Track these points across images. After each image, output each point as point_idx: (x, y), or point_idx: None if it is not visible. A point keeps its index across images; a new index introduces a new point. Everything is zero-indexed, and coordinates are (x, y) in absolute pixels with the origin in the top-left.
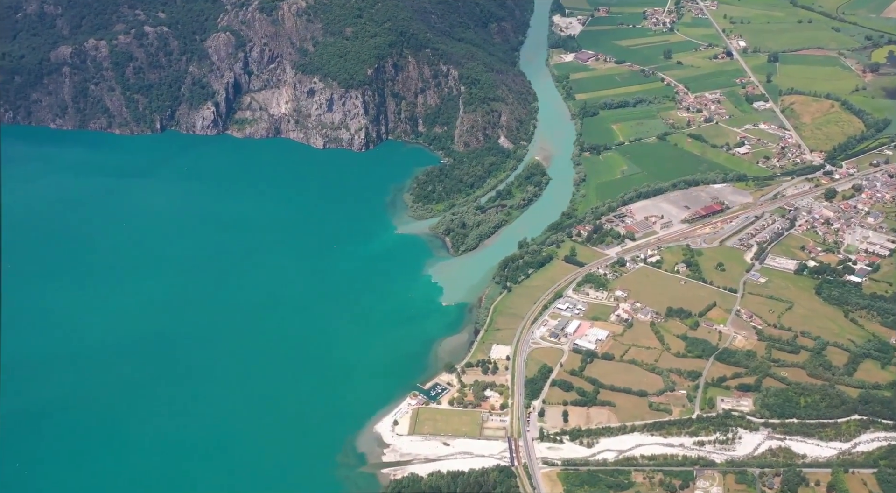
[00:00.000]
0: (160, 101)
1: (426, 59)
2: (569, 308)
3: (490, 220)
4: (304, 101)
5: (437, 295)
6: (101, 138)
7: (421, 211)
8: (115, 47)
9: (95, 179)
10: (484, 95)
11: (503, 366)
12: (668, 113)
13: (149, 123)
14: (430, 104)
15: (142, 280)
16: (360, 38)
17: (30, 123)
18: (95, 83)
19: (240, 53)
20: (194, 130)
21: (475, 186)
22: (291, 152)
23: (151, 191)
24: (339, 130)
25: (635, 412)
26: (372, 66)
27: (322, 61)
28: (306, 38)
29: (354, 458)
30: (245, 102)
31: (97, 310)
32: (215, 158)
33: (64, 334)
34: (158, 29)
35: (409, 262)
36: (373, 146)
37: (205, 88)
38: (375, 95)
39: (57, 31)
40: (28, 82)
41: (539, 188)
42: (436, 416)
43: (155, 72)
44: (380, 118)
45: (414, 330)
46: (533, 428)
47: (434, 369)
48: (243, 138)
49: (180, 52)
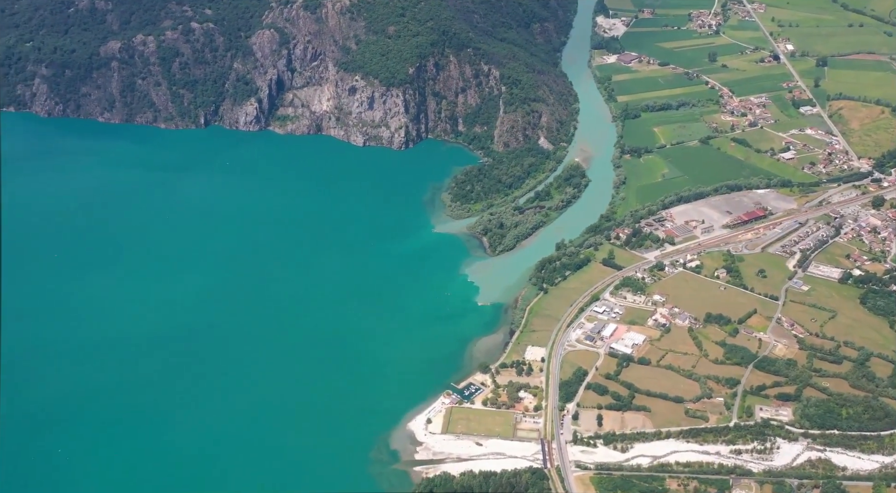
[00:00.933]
0: (205, 96)
1: (468, 58)
2: (605, 311)
3: (528, 221)
4: (346, 98)
5: (473, 295)
6: (146, 132)
7: (459, 210)
8: (162, 43)
9: (141, 172)
10: (525, 96)
11: (538, 368)
12: (711, 116)
13: (193, 118)
14: (471, 104)
15: (183, 273)
16: (403, 37)
17: (79, 116)
18: (143, 78)
19: (283, 50)
20: (237, 125)
21: (514, 187)
22: (332, 150)
23: (195, 185)
24: (379, 129)
25: (671, 417)
26: (413, 65)
27: (364, 59)
28: (349, 37)
29: (387, 455)
30: (287, 98)
31: (138, 300)
32: (257, 153)
33: (104, 324)
34: (205, 25)
35: (445, 261)
36: (412, 145)
37: (248, 84)
38: (416, 93)
39: (107, 26)
40: (78, 76)
41: (578, 190)
42: (469, 416)
43: (200, 67)
44: (420, 117)
45: (449, 329)
46: (566, 431)
47: (468, 368)
48: (285, 135)
49: (225, 48)
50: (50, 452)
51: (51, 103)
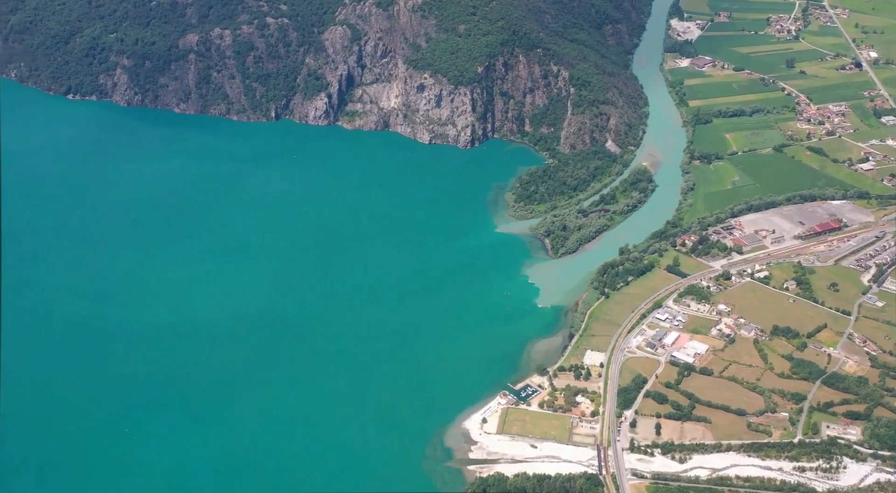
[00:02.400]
0: (276, 90)
1: (537, 58)
2: (668, 319)
3: (592, 224)
4: (414, 96)
5: (534, 296)
6: (219, 124)
7: (522, 211)
8: (238, 37)
9: (213, 162)
10: (593, 98)
11: (596, 373)
12: (786, 124)
13: (264, 112)
14: (538, 104)
15: (250, 262)
16: (473, 36)
17: (156, 107)
18: (218, 71)
19: (354, 47)
20: (307, 119)
21: (578, 189)
22: (398, 146)
23: (265, 177)
24: (445, 126)
25: (732, 430)
26: (482, 64)
27: (433, 57)
28: (419, 34)
29: (442, 452)
30: (356, 94)
31: (206, 287)
32: (325, 148)
33: (173, 308)
34: (279, 20)
35: (507, 261)
36: (478, 144)
37: (319, 79)
38: (484, 92)
39: (186, 19)
40: (157, 68)
41: (644, 195)
42: (525, 417)
43: (273, 62)
44: (487, 116)
45: (508, 329)
46: (623, 438)
47: (525, 370)
48: (352, 130)
49: (298, 43)
50: (119, 432)
51: (130, 93)
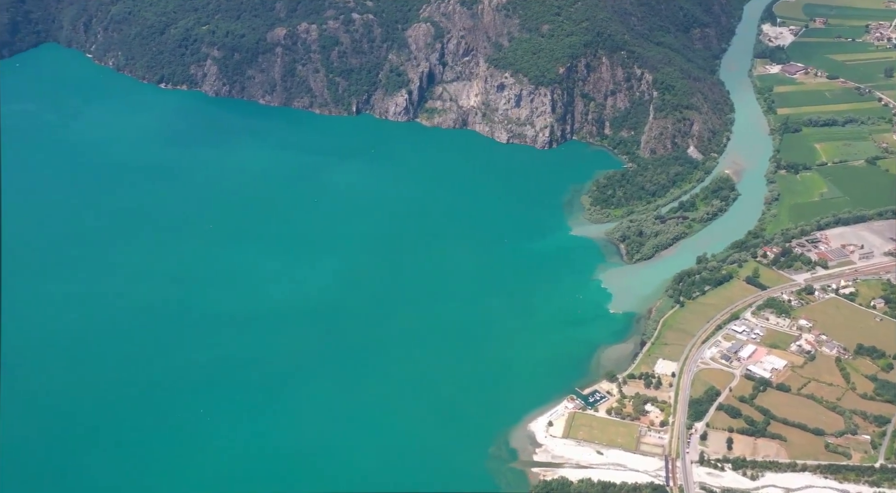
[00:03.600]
0: (358, 85)
1: (620, 61)
2: (745, 332)
3: (669, 231)
4: (493, 95)
5: (606, 301)
6: (302, 116)
7: (598, 215)
8: (324, 31)
9: (294, 154)
10: (677, 102)
11: (667, 382)
12: (882, 136)
13: (346, 106)
14: (620, 107)
15: (325, 253)
16: (556, 36)
17: (242, 98)
18: (303, 64)
19: (437, 44)
20: (386, 115)
21: (657, 195)
22: (475, 144)
23: (342, 170)
24: (524, 127)
25: (808, 450)
26: (564, 65)
27: (515, 57)
28: (502, 33)
29: (506, 452)
30: (437, 92)
31: (280, 275)
32: (403, 144)
33: (249, 296)
34: (365, 16)
35: (580, 264)
36: (556, 145)
37: (401, 75)
38: (564, 93)
39: (275, 13)
40: (245, 60)
41: (726, 203)
42: (591, 423)
43: (357, 57)
44: (566, 117)
45: (578, 333)
46: (693, 451)
47: (594, 375)
48: (431, 127)
49: (382, 39)
50: (193, 410)
51: (218, 84)
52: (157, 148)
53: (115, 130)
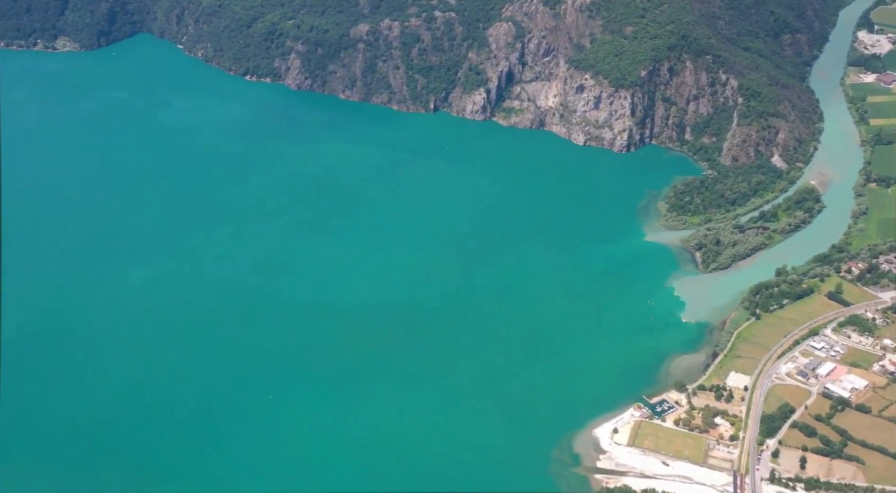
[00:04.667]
0: (437, 82)
1: (705, 65)
2: (824, 349)
3: (748, 241)
4: (572, 96)
5: (678, 310)
6: (380, 112)
7: (674, 221)
8: (405, 29)
9: (372, 149)
10: (762, 109)
11: (739, 396)
12: None
13: (424, 103)
14: (702, 113)
15: (394, 249)
16: (639, 39)
17: (323, 92)
18: (383, 61)
19: (517, 44)
20: (463, 113)
21: (737, 204)
22: (552, 146)
23: (417, 167)
24: (602, 129)
25: (888, 475)
26: (646, 68)
27: (596, 58)
28: (584, 34)
29: (569, 457)
30: (515, 91)
31: (354, 268)
32: (479, 142)
33: (323, 287)
34: (447, 14)
35: (653, 271)
36: (634, 149)
37: (479, 74)
38: (645, 97)
39: (359, 9)
40: (327, 55)
41: (809, 215)
42: (658, 432)
43: (437, 55)
44: (646, 121)
45: (648, 341)
46: (763, 468)
47: (663, 384)
48: (507, 127)
49: (463, 37)
50: (263, 396)
51: (301, 78)
52: (240, 139)
53: (200, 120)
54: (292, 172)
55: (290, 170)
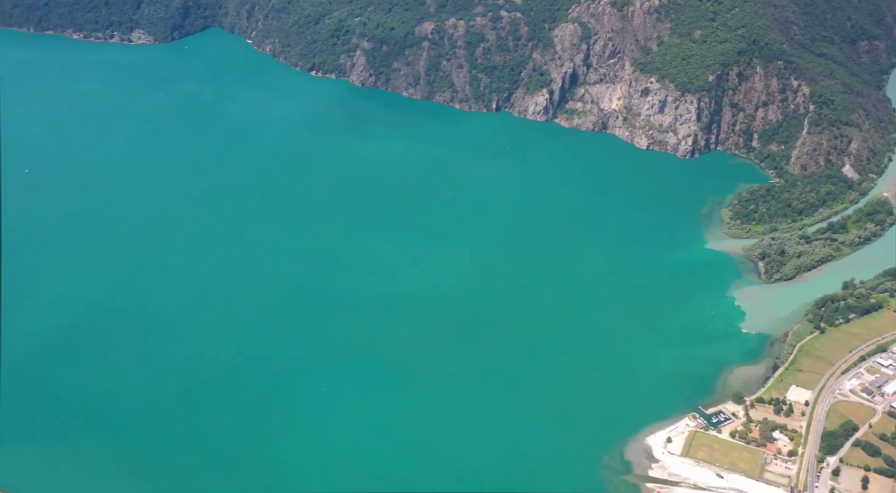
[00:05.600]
0: (500, 82)
1: (776, 71)
2: (892, 366)
3: (814, 252)
4: (637, 99)
5: (738, 320)
6: (442, 111)
7: (737, 229)
8: (471, 28)
9: (431, 147)
10: (835, 118)
11: (799, 410)
12: None
13: (486, 102)
14: (771, 119)
15: (450, 247)
16: (708, 43)
17: (386, 89)
18: (447, 59)
19: (583, 45)
20: (525, 114)
21: (804, 214)
22: (614, 148)
23: (477, 166)
24: (666, 134)
25: None
26: (714, 73)
27: (663, 62)
28: (651, 37)
29: (620, 464)
30: (578, 93)
31: (408, 266)
32: (541, 143)
33: (379, 283)
34: (512, 14)
35: (714, 280)
36: (698, 154)
37: (543, 75)
38: (712, 102)
39: (425, 8)
40: (392, 52)
41: (881, 228)
42: (713, 444)
43: (501, 55)
44: (712, 127)
45: (706, 350)
46: (823, 486)
47: (720, 395)
48: (569, 128)
49: (528, 38)
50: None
51: (365, 75)
52: (303, 134)
53: (265, 114)
54: (353, 168)
55: (351, 166)
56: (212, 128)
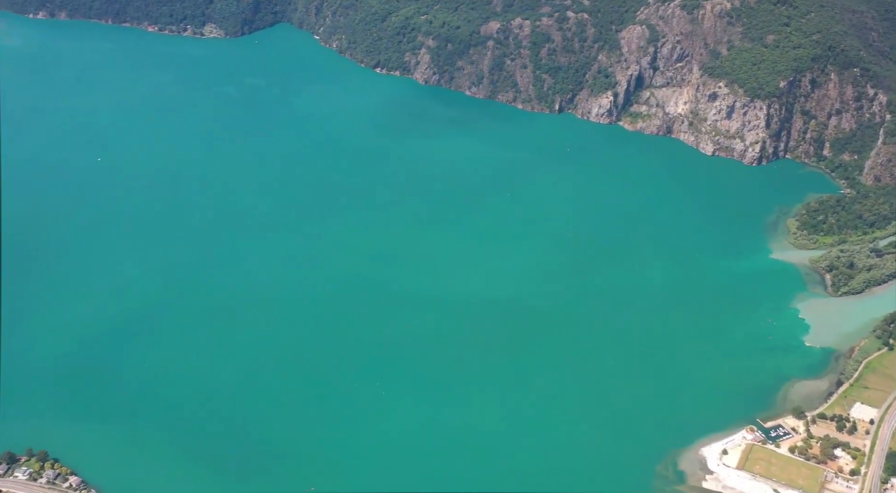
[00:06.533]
0: (564, 83)
1: (852, 78)
2: None
3: (885, 266)
4: (704, 104)
5: (802, 333)
6: (504, 110)
7: (804, 240)
8: (536, 28)
9: (492, 147)
10: None
11: (863, 428)
12: None
13: (549, 103)
14: (844, 128)
15: (514, 247)
16: (781, 48)
17: (450, 88)
18: (512, 59)
19: (650, 47)
20: (588, 116)
21: (876, 226)
22: (678, 153)
23: (541, 167)
24: (732, 140)
25: None
26: (786, 79)
27: (733, 66)
28: (722, 41)
29: (673, 473)
30: (643, 96)
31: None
32: (604, 146)
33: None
34: (579, 15)
35: (777, 290)
36: (766, 162)
37: (608, 77)
38: (782, 109)
39: (491, 7)
40: (457, 51)
41: None
42: (771, 458)
43: (566, 56)
44: (781, 134)
45: (767, 362)
46: None
47: (779, 409)
48: (633, 132)
49: (594, 39)
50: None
51: (429, 72)
52: (366, 130)
53: (329, 110)
54: (415, 165)
55: (413, 163)
56: (277, 122)
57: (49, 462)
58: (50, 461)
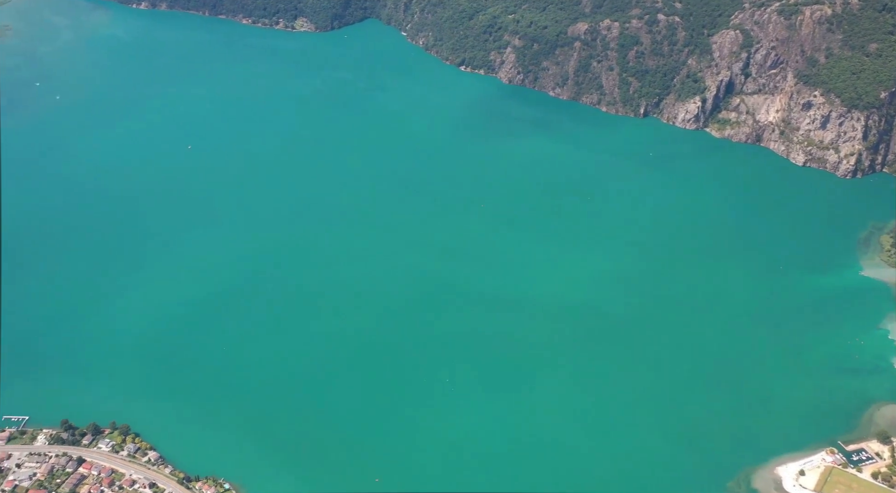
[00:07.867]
0: (651, 87)
1: None
2: None
3: None
4: (797, 113)
5: (891, 354)
6: (588, 113)
7: None
8: (625, 30)
9: (573, 149)
10: None
11: None
12: None
13: (634, 107)
14: None
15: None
16: (885, 57)
17: (534, 88)
18: (598, 61)
19: (743, 53)
20: (674, 121)
21: None
22: (767, 163)
23: (623, 171)
24: (826, 151)
25: None
26: (888, 89)
27: (830, 75)
28: (820, 48)
29: (745, 491)
30: (733, 102)
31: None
32: (689, 152)
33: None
34: (670, 18)
35: (866, 309)
36: (861, 175)
37: (697, 82)
38: (882, 120)
39: (580, 8)
40: (542, 51)
41: None
42: (851, 483)
43: (654, 59)
44: (879, 147)
45: (852, 383)
46: None
47: (863, 432)
48: (720, 139)
49: (684, 43)
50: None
51: (514, 72)
52: (448, 127)
53: (413, 105)
54: (495, 164)
55: (493, 162)
56: (362, 116)
57: (130, 436)
58: (131, 434)
